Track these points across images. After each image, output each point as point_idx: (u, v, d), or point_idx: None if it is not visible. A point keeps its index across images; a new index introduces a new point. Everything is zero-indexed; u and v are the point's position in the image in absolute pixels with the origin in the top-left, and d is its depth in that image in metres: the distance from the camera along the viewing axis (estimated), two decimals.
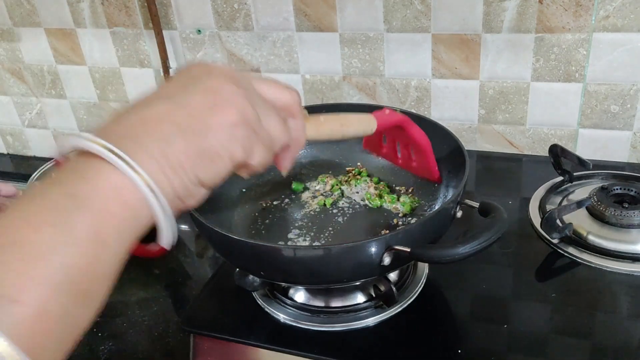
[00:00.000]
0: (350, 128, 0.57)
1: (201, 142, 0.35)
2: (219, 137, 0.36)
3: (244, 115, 0.37)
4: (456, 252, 0.55)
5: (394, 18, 0.97)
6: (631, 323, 0.67)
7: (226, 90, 0.37)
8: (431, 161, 0.76)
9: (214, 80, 0.37)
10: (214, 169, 0.37)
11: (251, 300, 0.74)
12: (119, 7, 1.11)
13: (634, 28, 0.87)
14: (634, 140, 0.97)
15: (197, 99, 0.36)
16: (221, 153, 0.36)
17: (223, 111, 0.36)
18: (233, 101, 0.37)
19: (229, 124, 0.36)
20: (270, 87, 0.42)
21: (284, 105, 0.42)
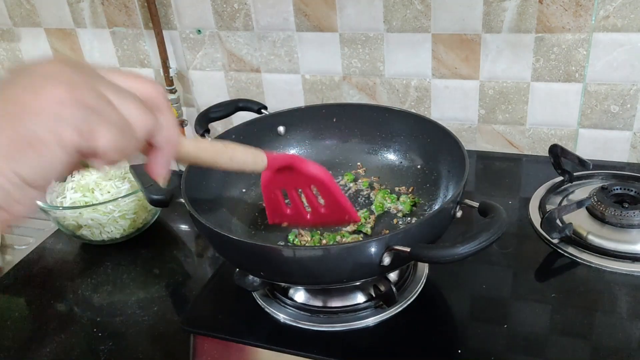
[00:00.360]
0: (237, 152, 0.55)
1: (16, 128, 0.29)
2: (40, 120, 0.30)
3: (76, 93, 0.31)
4: (456, 252, 0.55)
5: (394, 18, 0.97)
6: (631, 323, 0.67)
7: (55, 70, 0.32)
8: (340, 198, 0.67)
9: (47, 66, 0.32)
10: (38, 161, 0.30)
11: (251, 300, 0.74)
12: (119, 7, 1.11)
13: (634, 28, 0.87)
14: (634, 140, 0.97)
15: (18, 84, 0.31)
16: (44, 138, 0.30)
17: (46, 89, 0.30)
18: (61, 79, 0.31)
19: (54, 101, 0.30)
20: (127, 77, 0.36)
21: (145, 97, 0.36)
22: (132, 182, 0.96)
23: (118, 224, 0.91)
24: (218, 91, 1.15)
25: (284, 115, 0.91)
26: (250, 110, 0.94)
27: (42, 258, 0.93)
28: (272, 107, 0.97)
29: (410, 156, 0.87)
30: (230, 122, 1.03)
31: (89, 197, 0.93)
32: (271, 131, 0.91)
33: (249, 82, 1.12)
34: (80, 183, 0.95)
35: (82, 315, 0.80)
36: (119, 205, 0.89)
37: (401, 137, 0.88)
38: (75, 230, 0.92)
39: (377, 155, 0.90)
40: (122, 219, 0.90)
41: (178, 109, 1.14)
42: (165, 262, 0.90)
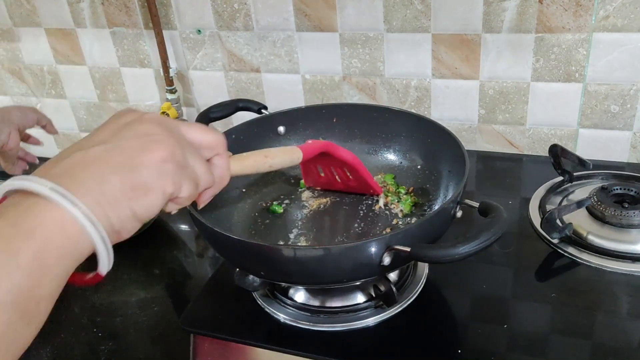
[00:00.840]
0: (275, 159, 0.60)
1: (135, 177, 0.38)
2: (150, 173, 0.39)
3: (173, 153, 0.40)
4: (456, 252, 0.55)
5: (394, 18, 0.97)
6: (631, 323, 0.67)
7: (156, 132, 0.41)
8: (366, 176, 0.79)
9: (145, 125, 0.41)
10: (147, 203, 0.40)
11: (251, 300, 0.74)
12: (119, 7, 1.11)
13: (634, 28, 0.87)
14: (634, 140, 0.97)
15: (129, 141, 0.40)
16: (153, 187, 0.39)
17: (153, 149, 0.40)
18: (162, 141, 0.40)
19: (159, 160, 0.40)
20: (196, 130, 0.45)
21: (209, 145, 0.46)
22: None
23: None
24: (218, 91, 1.15)
25: (284, 115, 0.91)
26: (250, 110, 0.94)
27: None
28: (272, 107, 0.97)
29: (410, 156, 0.87)
30: (230, 122, 1.03)
31: None
32: (271, 131, 0.91)
33: (249, 82, 1.12)
34: None
35: (82, 315, 0.80)
36: None
37: (401, 137, 0.88)
38: None
39: (377, 155, 0.90)
40: None
41: (178, 109, 1.14)
42: (165, 262, 0.90)
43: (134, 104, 1.22)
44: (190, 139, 0.44)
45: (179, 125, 0.44)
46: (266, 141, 0.90)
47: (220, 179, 0.47)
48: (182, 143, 0.42)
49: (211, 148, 0.46)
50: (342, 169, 0.79)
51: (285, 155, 0.63)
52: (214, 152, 0.46)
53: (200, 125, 0.46)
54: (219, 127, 1.11)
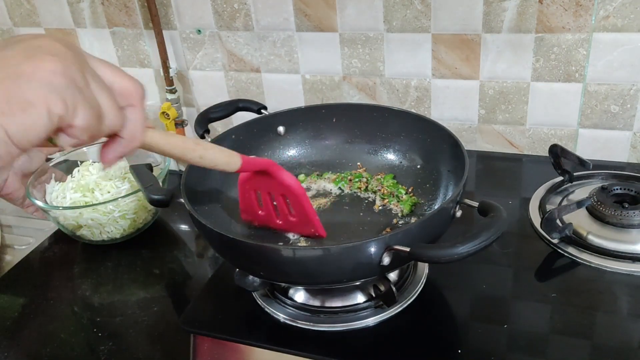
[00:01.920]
0: (208, 152, 0.55)
1: (10, 88, 0.32)
2: (33, 85, 0.32)
3: (66, 67, 0.34)
4: (456, 252, 0.55)
5: (394, 18, 0.97)
6: (631, 323, 0.67)
7: (53, 46, 0.34)
8: (309, 211, 0.70)
9: (41, 40, 0.35)
10: (25, 121, 0.32)
11: (251, 300, 0.75)
12: (119, 7, 1.11)
13: (634, 28, 0.87)
14: (634, 140, 0.97)
15: (16, 51, 0.33)
16: (35, 102, 0.32)
17: (42, 59, 0.33)
18: (56, 54, 0.34)
19: (48, 71, 0.33)
20: (111, 70, 0.38)
21: (123, 91, 0.39)
22: (132, 182, 0.96)
23: (118, 224, 0.91)
24: (218, 91, 1.15)
25: (284, 115, 0.91)
26: (250, 111, 0.94)
27: (42, 258, 0.94)
28: (272, 107, 0.97)
29: (410, 156, 0.87)
30: (230, 122, 1.03)
31: (89, 197, 0.93)
32: (271, 131, 0.91)
33: (249, 82, 1.12)
34: (80, 183, 0.95)
35: (82, 315, 0.80)
36: (119, 205, 0.89)
37: (401, 137, 0.88)
38: (75, 230, 0.92)
39: (377, 155, 0.90)
40: (122, 219, 0.90)
41: (178, 109, 1.14)
42: (165, 262, 0.90)
43: None
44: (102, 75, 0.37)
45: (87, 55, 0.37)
46: (266, 141, 0.90)
47: (130, 135, 0.40)
48: (84, 66, 0.36)
49: (124, 95, 0.39)
50: (283, 197, 0.70)
51: (221, 154, 0.58)
52: (127, 102, 0.39)
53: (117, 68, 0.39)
54: (219, 127, 1.11)
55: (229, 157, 0.60)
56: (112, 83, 0.38)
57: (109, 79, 0.38)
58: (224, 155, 0.60)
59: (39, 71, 0.33)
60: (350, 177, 0.87)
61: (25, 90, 0.32)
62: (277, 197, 0.71)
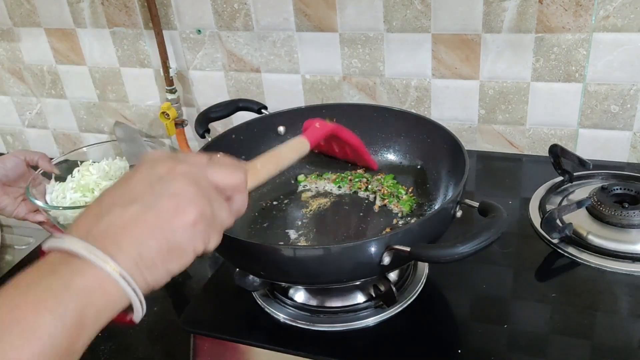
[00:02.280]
0: (286, 160, 0.63)
1: (169, 241, 0.42)
2: (184, 236, 0.43)
3: (203, 213, 0.44)
4: (456, 252, 0.55)
5: (394, 18, 0.97)
6: (631, 323, 0.67)
7: (187, 191, 0.44)
8: (366, 156, 0.85)
9: (177, 183, 0.44)
10: (181, 262, 0.44)
11: (251, 300, 0.74)
12: (119, 7, 1.11)
13: (634, 28, 0.87)
14: (634, 140, 0.97)
15: (163, 202, 0.43)
16: (186, 249, 0.43)
17: (185, 212, 0.43)
18: (193, 201, 0.43)
19: (192, 222, 0.43)
20: (222, 172, 0.48)
21: (232, 187, 0.49)
22: None
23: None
24: (218, 91, 1.15)
25: (284, 115, 0.91)
26: (251, 110, 0.94)
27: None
28: (272, 107, 0.97)
29: (410, 156, 0.87)
30: (230, 122, 1.03)
31: (89, 197, 0.93)
32: (271, 131, 0.91)
33: (249, 82, 1.12)
34: (80, 183, 0.95)
35: None
36: None
37: (401, 137, 0.88)
38: None
39: (377, 155, 0.90)
40: None
41: (178, 109, 1.14)
42: None
43: (133, 104, 1.22)
44: (216, 182, 0.47)
45: (205, 171, 0.47)
46: (266, 141, 0.90)
47: (237, 212, 0.50)
48: (211, 196, 0.45)
49: (234, 189, 0.49)
50: (343, 146, 0.83)
51: (294, 153, 0.65)
52: (235, 191, 0.49)
53: (225, 165, 0.49)
54: (219, 127, 1.11)
55: (300, 149, 0.68)
56: (224, 183, 0.48)
57: (222, 182, 0.47)
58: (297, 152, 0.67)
59: (185, 225, 0.43)
60: (350, 177, 0.87)
61: (179, 241, 0.42)
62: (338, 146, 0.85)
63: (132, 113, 1.24)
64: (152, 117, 1.22)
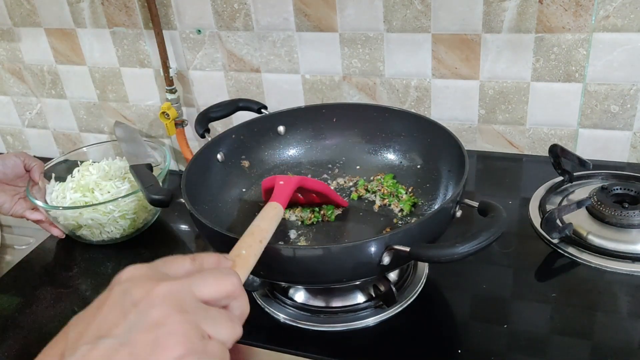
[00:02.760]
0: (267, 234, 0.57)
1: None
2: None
3: (190, 345, 0.36)
4: (455, 252, 0.55)
5: (394, 18, 0.97)
6: (631, 323, 0.67)
7: (168, 320, 0.36)
8: (334, 197, 0.80)
9: (156, 312, 0.37)
10: None
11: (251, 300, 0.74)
12: (119, 7, 1.11)
13: (634, 28, 0.87)
14: (634, 140, 0.97)
15: (139, 336, 0.36)
16: None
17: (167, 347, 0.35)
18: (175, 333, 0.36)
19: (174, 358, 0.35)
20: (210, 286, 0.41)
21: (226, 296, 0.42)
22: (132, 182, 0.96)
23: (118, 224, 0.91)
24: (218, 91, 1.15)
25: (284, 115, 0.91)
26: (251, 110, 0.94)
27: (42, 258, 0.94)
28: (272, 107, 0.97)
29: (410, 156, 0.87)
30: (230, 122, 1.03)
31: (89, 197, 0.93)
32: (271, 131, 0.91)
33: (249, 82, 1.12)
34: (80, 183, 0.95)
35: None
36: (119, 205, 0.89)
37: (401, 137, 0.88)
38: (75, 230, 0.92)
39: (377, 155, 0.90)
40: (122, 219, 0.90)
41: (178, 109, 1.14)
42: None
43: (133, 104, 1.22)
44: (207, 299, 0.40)
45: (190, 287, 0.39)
46: (266, 141, 0.90)
47: (241, 316, 0.43)
48: (199, 318, 0.38)
49: (228, 297, 0.42)
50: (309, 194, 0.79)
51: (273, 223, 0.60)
52: (231, 299, 0.42)
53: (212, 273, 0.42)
54: (219, 127, 1.11)
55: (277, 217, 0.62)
56: (217, 297, 0.41)
57: (212, 296, 0.40)
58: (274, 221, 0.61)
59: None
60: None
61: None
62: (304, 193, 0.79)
63: (132, 113, 1.24)
64: (152, 117, 1.22)
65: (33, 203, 0.90)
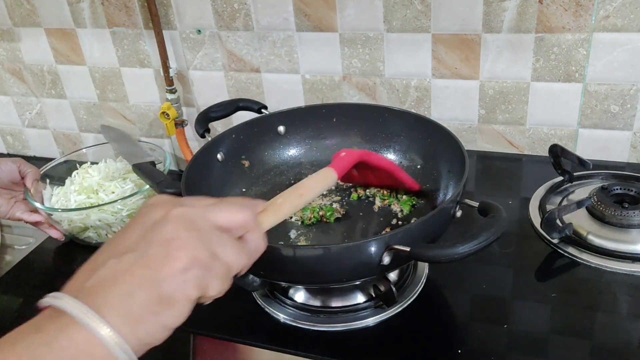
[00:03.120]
0: (311, 193, 0.58)
1: (158, 291, 0.39)
2: (173, 284, 0.40)
3: (195, 258, 0.40)
4: (455, 252, 0.55)
5: (394, 18, 0.97)
6: (631, 323, 0.67)
7: (180, 235, 0.41)
8: (404, 178, 0.79)
9: (169, 227, 0.41)
10: (175, 313, 0.41)
11: (251, 300, 0.74)
12: (119, 7, 1.11)
13: (634, 28, 0.87)
14: (634, 140, 0.97)
15: (153, 250, 0.40)
16: (178, 297, 0.40)
17: (175, 258, 0.40)
18: (184, 246, 0.40)
19: (181, 269, 0.40)
20: (225, 213, 0.45)
21: (239, 226, 0.45)
22: (134, 182, 0.95)
23: (125, 224, 0.90)
24: (218, 91, 1.15)
25: (284, 115, 0.91)
26: (251, 110, 0.94)
27: (42, 258, 0.93)
28: (272, 107, 0.97)
29: (410, 156, 0.87)
30: (230, 122, 1.03)
31: (94, 199, 0.93)
32: (271, 131, 0.91)
33: (249, 82, 1.12)
34: (83, 185, 0.95)
35: None
36: (127, 204, 0.89)
37: (401, 137, 0.88)
38: (80, 233, 0.91)
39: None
40: (129, 217, 0.90)
41: (178, 109, 1.14)
42: None
43: (133, 104, 1.22)
44: (220, 224, 0.44)
45: (206, 212, 0.44)
46: (266, 141, 0.90)
47: (255, 251, 0.47)
48: (209, 238, 0.42)
49: (242, 228, 0.46)
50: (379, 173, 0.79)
51: (319, 185, 0.61)
52: (245, 230, 0.46)
53: (229, 205, 0.46)
54: (219, 127, 1.11)
55: (327, 180, 0.63)
56: (228, 222, 0.44)
57: (226, 222, 0.44)
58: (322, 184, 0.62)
59: (174, 272, 0.39)
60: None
61: (168, 290, 0.39)
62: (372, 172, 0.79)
63: (132, 113, 1.24)
64: (152, 117, 1.22)
65: (33, 206, 0.90)
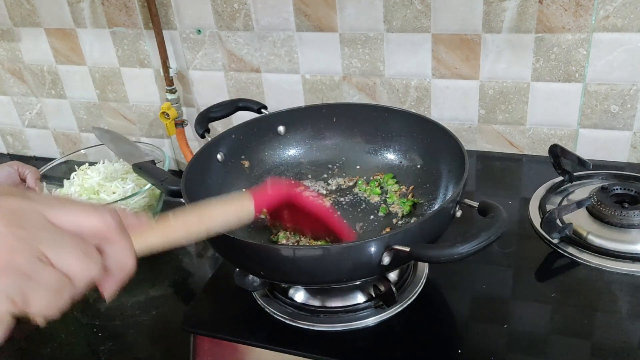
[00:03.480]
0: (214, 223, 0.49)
1: None
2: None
3: (12, 260, 0.33)
4: (455, 252, 0.55)
5: (394, 18, 0.97)
6: (631, 323, 0.67)
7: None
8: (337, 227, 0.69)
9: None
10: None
11: (251, 300, 0.74)
12: (119, 7, 1.11)
13: (634, 28, 0.87)
14: (634, 140, 0.97)
15: None
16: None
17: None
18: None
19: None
20: (71, 214, 0.36)
21: (94, 231, 0.37)
22: (135, 182, 0.95)
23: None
24: (218, 91, 1.15)
25: (284, 115, 0.91)
26: (250, 110, 0.94)
27: None
28: (272, 107, 0.97)
29: (410, 156, 0.87)
30: (230, 122, 1.03)
31: (96, 199, 0.93)
32: (271, 131, 0.91)
33: (249, 82, 1.12)
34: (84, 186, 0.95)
35: (82, 315, 0.80)
36: (129, 204, 0.89)
37: (401, 137, 0.88)
38: None
39: (377, 155, 0.90)
40: None
41: (178, 109, 1.14)
42: (166, 262, 0.90)
43: (133, 104, 1.22)
44: (65, 226, 0.35)
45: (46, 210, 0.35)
46: (266, 141, 0.90)
47: (119, 268, 0.38)
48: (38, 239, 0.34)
49: (96, 235, 0.37)
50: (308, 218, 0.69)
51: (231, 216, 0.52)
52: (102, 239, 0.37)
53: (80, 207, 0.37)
54: (219, 127, 1.11)
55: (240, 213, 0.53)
56: (79, 227, 0.36)
57: (75, 225, 0.36)
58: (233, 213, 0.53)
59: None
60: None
61: None
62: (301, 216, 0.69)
63: (132, 113, 1.24)
64: (152, 117, 1.22)
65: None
